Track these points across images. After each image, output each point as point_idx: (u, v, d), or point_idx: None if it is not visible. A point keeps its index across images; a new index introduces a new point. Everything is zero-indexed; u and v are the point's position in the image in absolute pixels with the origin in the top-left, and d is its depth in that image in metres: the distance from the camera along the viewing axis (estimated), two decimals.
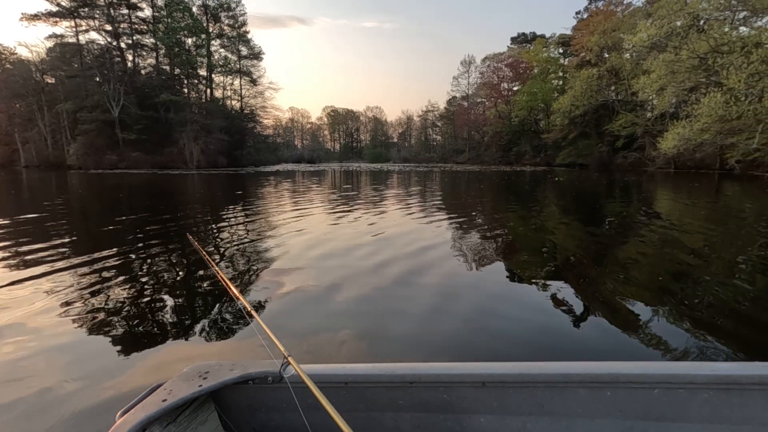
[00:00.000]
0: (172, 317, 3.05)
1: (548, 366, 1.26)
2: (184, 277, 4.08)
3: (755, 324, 2.94)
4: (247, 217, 8.48)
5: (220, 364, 1.41)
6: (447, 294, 3.60)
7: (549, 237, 6.49)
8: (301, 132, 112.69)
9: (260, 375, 1.35)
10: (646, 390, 1.19)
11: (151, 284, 3.82)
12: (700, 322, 2.91)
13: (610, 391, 1.21)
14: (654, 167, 32.04)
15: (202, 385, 1.28)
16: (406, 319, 3.01)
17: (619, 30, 36.64)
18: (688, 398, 1.17)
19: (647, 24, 27.23)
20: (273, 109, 58.74)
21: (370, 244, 5.55)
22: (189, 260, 4.73)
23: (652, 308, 3.19)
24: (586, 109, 40.33)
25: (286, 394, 1.34)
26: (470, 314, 3.13)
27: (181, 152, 41.38)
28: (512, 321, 2.98)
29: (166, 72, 46.69)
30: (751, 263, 4.64)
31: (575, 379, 1.22)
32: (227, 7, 50.95)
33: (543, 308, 3.23)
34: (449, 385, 1.30)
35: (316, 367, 1.38)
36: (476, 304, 3.38)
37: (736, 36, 22.97)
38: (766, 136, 20.23)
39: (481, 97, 68.85)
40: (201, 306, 3.29)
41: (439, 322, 2.98)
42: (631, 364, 1.24)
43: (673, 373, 1.18)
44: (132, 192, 15.35)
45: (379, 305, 3.32)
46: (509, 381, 1.26)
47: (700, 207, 10.32)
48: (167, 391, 1.26)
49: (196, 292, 3.62)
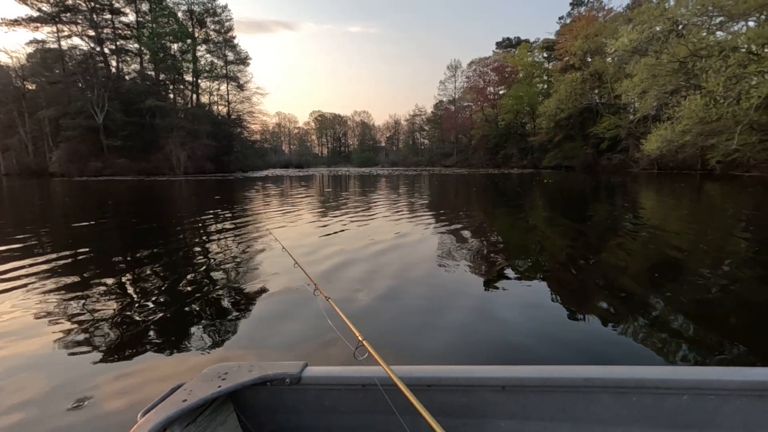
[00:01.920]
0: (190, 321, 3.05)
1: (570, 370, 1.24)
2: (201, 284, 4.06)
3: (738, 320, 3.04)
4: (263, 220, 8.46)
5: (238, 365, 1.42)
6: (447, 295, 3.65)
7: (539, 238, 6.61)
8: (288, 137, 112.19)
9: (278, 376, 1.35)
10: (674, 396, 1.14)
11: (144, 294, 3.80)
12: (689, 318, 3.00)
13: (636, 396, 1.17)
14: (638, 168, 32.72)
15: (221, 386, 1.30)
16: (402, 324, 3.01)
17: (602, 35, 37.43)
18: (718, 405, 1.12)
19: (628, 29, 27.92)
20: (260, 114, 58.56)
21: (368, 246, 5.60)
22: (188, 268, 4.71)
23: (642, 307, 3.25)
24: (571, 112, 41.06)
25: (304, 396, 1.36)
26: (465, 317, 3.12)
27: (168, 158, 40.87)
28: (503, 323, 2.98)
29: (151, 77, 46.13)
30: (735, 262, 4.80)
31: (598, 383, 1.19)
32: (213, 13, 50.66)
33: (537, 309, 3.25)
34: (468, 388, 1.28)
35: (333, 369, 1.39)
36: (470, 306, 3.39)
37: (714, 40, 23.69)
38: (745, 137, 20.87)
39: (468, 101, 69.55)
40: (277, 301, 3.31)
41: (436, 324, 2.99)
42: (657, 369, 1.21)
43: (702, 378, 1.13)
44: (131, 198, 15.12)
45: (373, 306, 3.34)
46: (530, 385, 1.23)
47: (684, 207, 10.60)
48: (187, 391, 1.28)
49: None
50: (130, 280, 4.19)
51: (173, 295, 3.69)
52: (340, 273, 4.29)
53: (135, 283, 4.05)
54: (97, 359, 2.47)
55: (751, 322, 2.96)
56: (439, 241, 6.09)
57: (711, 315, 3.11)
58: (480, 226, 7.86)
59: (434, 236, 6.50)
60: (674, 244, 5.64)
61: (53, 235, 7.35)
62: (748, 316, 3.08)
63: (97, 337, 2.79)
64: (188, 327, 2.96)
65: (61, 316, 3.17)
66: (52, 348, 2.65)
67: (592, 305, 3.33)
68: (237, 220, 8.68)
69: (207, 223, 8.28)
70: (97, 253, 5.58)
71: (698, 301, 3.36)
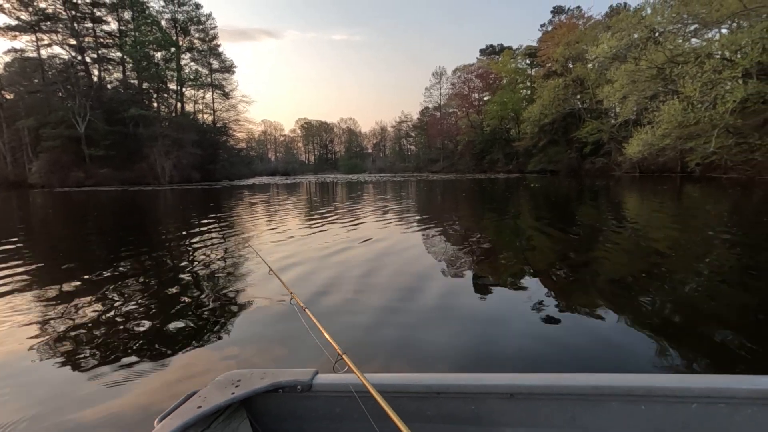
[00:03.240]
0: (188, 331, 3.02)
1: (579, 377, 1.23)
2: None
3: (717, 318, 3.13)
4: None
5: (251, 372, 1.44)
6: (447, 302, 3.69)
7: (529, 241, 6.72)
8: (274, 144, 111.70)
9: (290, 383, 1.37)
10: (684, 404, 1.13)
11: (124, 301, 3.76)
12: (671, 319, 3.11)
13: (645, 405, 1.16)
14: (621, 172, 33.43)
15: (234, 393, 1.32)
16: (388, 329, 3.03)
17: (582, 42, 38.35)
18: (729, 414, 1.11)
19: (608, 36, 28.67)
20: (246, 122, 58.23)
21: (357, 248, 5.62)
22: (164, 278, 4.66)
23: (628, 309, 3.31)
24: (555, 117, 41.87)
25: (316, 403, 1.37)
26: (455, 321, 3.15)
27: (153, 168, 40.28)
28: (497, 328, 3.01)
29: (134, 86, 45.54)
30: (717, 262, 4.96)
31: (607, 391, 1.18)
32: (197, 21, 50.39)
33: (527, 313, 3.29)
34: (476, 396, 1.28)
35: (344, 376, 1.40)
36: (463, 310, 3.44)
37: (689, 47, 24.49)
38: (721, 141, 21.53)
39: (453, 107, 70.34)
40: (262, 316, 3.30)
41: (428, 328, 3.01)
42: (666, 377, 1.22)
43: (712, 387, 1.12)
44: (115, 209, 14.85)
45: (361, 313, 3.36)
46: (538, 393, 1.23)
47: (666, 209, 10.88)
48: (202, 398, 1.30)
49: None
50: (110, 291, 4.12)
51: (150, 308, 3.66)
52: (326, 287, 4.24)
53: (114, 295, 3.99)
54: (72, 375, 2.44)
55: (734, 320, 3.06)
56: (429, 246, 6.15)
57: (693, 315, 3.21)
58: (473, 231, 7.95)
59: (425, 242, 6.55)
60: (658, 246, 5.80)
61: (35, 247, 7.20)
62: (731, 315, 3.18)
63: (76, 350, 2.77)
64: (166, 341, 2.94)
65: (39, 327, 3.14)
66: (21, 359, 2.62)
67: (579, 307, 3.38)
68: (220, 231, 8.61)
69: (190, 235, 8.20)
70: (78, 263, 5.49)
71: (682, 303, 3.46)
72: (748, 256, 5.11)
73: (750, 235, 6.66)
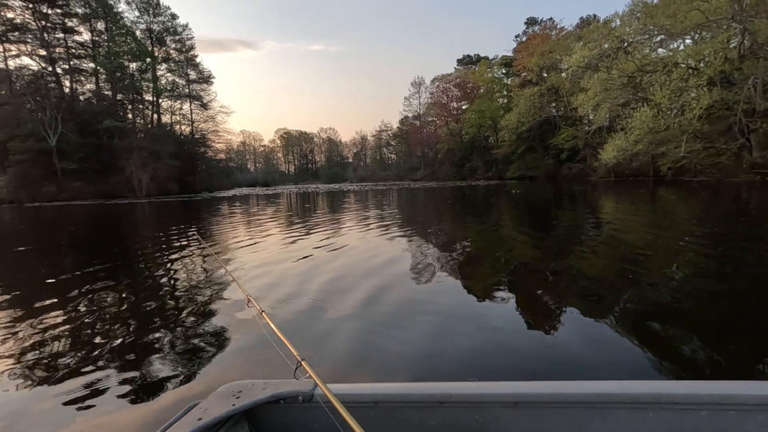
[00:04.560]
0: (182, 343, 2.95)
1: (585, 385, 1.22)
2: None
3: (693, 319, 3.24)
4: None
5: (252, 383, 1.43)
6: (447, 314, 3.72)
7: (516, 247, 6.85)
8: (254, 155, 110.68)
9: (291, 394, 1.36)
10: (693, 412, 1.11)
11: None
12: (651, 321, 3.19)
13: (653, 412, 1.14)
14: (596, 177, 34.42)
15: (235, 404, 1.31)
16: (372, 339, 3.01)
17: (556, 52, 39.62)
18: (740, 421, 1.09)
19: (580, 45, 29.74)
20: (225, 132, 57.45)
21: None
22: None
23: (606, 312, 3.36)
24: (532, 124, 42.92)
25: (317, 414, 1.35)
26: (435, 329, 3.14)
27: (129, 180, 39.25)
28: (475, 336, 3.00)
29: (108, 97, 44.43)
30: (691, 262, 5.16)
31: (614, 399, 1.16)
32: (173, 32, 49.74)
33: (510, 321, 3.29)
34: (480, 405, 1.26)
35: (345, 386, 1.41)
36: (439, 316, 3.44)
37: (657, 57, 25.63)
38: (690, 145, 22.50)
39: (433, 116, 71.36)
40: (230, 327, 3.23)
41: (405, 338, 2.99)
42: (675, 384, 1.22)
43: (722, 393, 1.11)
44: (88, 224, 14.36)
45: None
46: (543, 401, 1.21)
47: (642, 212, 11.27)
48: (202, 410, 1.29)
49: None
50: (77, 308, 4.00)
51: (114, 324, 3.57)
52: (291, 296, 4.24)
53: (82, 309, 3.88)
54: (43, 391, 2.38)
55: (707, 321, 3.19)
56: (415, 255, 6.19)
57: (670, 317, 3.29)
58: (462, 237, 8.04)
59: (410, 250, 6.60)
60: (635, 249, 6.01)
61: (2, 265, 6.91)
62: (705, 316, 3.31)
63: (41, 368, 2.69)
64: (140, 353, 2.91)
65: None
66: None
67: (563, 312, 3.44)
68: (191, 242, 8.47)
69: (159, 247, 8.01)
70: (45, 279, 5.29)
71: (659, 304, 3.55)
72: (720, 255, 5.34)
73: (721, 234, 6.95)
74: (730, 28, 21.81)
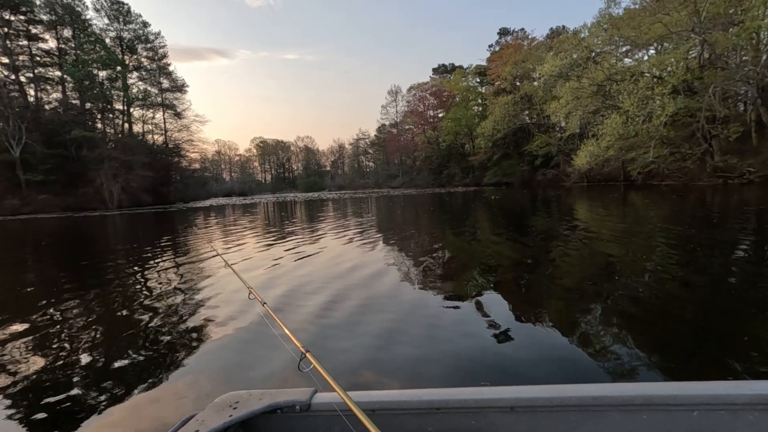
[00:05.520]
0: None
1: (579, 388, 1.24)
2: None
3: (665, 316, 3.38)
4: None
5: (249, 394, 1.42)
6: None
7: (488, 249, 6.98)
8: (229, 164, 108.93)
9: (288, 404, 1.36)
10: (685, 412, 1.15)
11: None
12: (625, 321, 3.31)
13: (647, 414, 1.17)
14: (570, 182, 35.44)
15: (232, 416, 1.30)
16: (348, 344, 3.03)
17: (528, 61, 40.84)
18: (730, 420, 1.12)
19: (551, 55, 30.76)
20: (200, 142, 56.28)
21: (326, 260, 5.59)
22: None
23: (583, 315, 3.46)
24: (506, 132, 43.92)
25: (315, 422, 1.36)
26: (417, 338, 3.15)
27: (99, 192, 37.87)
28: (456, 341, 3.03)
29: (75, 107, 42.86)
30: (662, 262, 5.39)
31: (607, 401, 1.19)
32: (145, 39, 48.59)
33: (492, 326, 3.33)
34: (477, 410, 1.27)
35: (342, 394, 1.42)
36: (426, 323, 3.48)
37: (624, 66, 26.77)
38: (658, 151, 23.51)
39: (410, 123, 72.03)
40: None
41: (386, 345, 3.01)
42: (666, 385, 1.23)
43: (711, 393, 1.14)
44: (51, 238, 13.74)
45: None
46: (538, 405, 1.23)
47: (614, 215, 11.69)
48: (199, 422, 1.27)
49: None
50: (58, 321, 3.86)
51: (103, 334, 3.47)
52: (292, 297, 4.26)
53: (61, 325, 3.74)
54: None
55: (680, 319, 3.34)
56: (401, 262, 6.22)
57: (645, 315, 3.43)
58: (446, 244, 8.12)
59: (396, 259, 6.63)
60: (610, 250, 6.26)
61: None
62: (678, 313, 3.46)
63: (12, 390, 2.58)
64: (127, 355, 2.84)
65: None
66: None
67: (543, 315, 3.53)
68: (168, 253, 8.26)
69: (136, 258, 7.79)
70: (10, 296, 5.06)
71: (635, 302, 3.69)
72: (688, 255, 5.64)
73: (689, 234, 7.28)
74: (690, 40, 23.04)
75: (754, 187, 18.36)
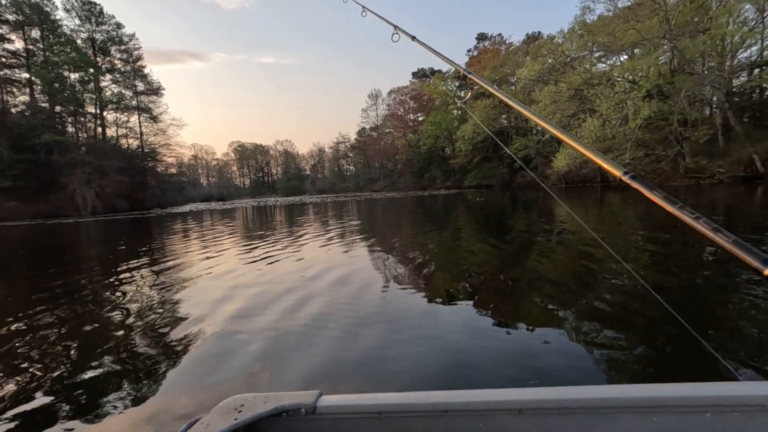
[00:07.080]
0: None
1: (588, 390, 1.23)
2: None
3: (647, 312, 3.42)
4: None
5: (254, 397, 1.40)
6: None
7: (471, 250, 6.99)
8: (206, 169, 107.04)
9: (293, 407, 1.34)
10: (698, 414, 1.12)
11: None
12: (607, 319, 3.33)
13: (657, 416, 1.15)
14: (549, 183, 36.18)
15: (237, 419, 1.28)
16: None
17: (506, 66, 41.63)
18: (744, 422, 1.10)
19: (529, 60, 31.39)
20: (177, 146, 55.01)
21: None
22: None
23: (564, 317, 3.47)
24: (486, 135, 44.56)
25: (321, 426, 1.34)
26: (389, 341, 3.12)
27: (72, 198, 36.51)
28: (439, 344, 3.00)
29: (45, 110, 41.31)
30: (639, 261, 5.49)
31: (618, 403, 1.18)
32: (119, 41, 47.32)
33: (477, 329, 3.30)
34: (484, 413, 1.26)
35: (349, 397, 1.39)
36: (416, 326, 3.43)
37: (599, 71, 27.54)
38: (634, 152, 24.24)
39: (390, 127, 72.46)
40: None
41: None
42: (678, 386, 1.21)
43: (723, 395, 1.12)
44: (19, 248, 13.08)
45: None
46: (547, 407, 1.22)
47: (593, 215, 11.96)
48: (204, 425, 1.26)
49: None
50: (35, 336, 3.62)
51: (114, 335, 3.28)
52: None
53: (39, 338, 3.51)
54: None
55: (657, 320, 3.30)
56: (390, 267, 6.16)
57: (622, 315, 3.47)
58: (436, 247, 8.09)
59: (384, 262, 6.56)
60: (591, 249, 6.33)
61: None
62: (655, 315, 3.41)
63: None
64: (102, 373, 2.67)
65: None
66: None
67: (526, 316, 3.54)
68: (142, 260, 7.98)
69: (108, 266, 7.50)
70: None
71: (611, 302, 3.74)
72: (664, 252, 5.82)
73: (664, 233, 7.46)
74: (661, 46, 23.90)
75: (724, 187, 19.12)
